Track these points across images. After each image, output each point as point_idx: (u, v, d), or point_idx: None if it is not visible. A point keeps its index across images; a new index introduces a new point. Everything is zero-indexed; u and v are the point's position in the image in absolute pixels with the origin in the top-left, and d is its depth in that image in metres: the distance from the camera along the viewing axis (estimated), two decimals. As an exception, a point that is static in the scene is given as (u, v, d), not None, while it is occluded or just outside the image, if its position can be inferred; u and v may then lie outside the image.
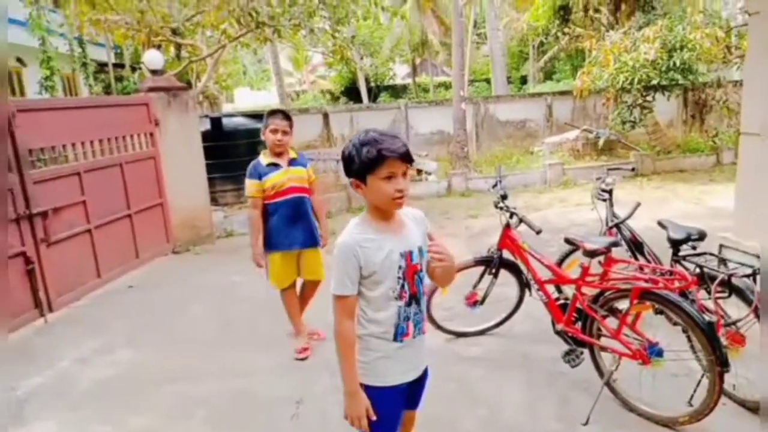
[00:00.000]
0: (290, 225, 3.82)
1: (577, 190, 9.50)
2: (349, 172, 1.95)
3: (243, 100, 32.91)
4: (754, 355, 2.89)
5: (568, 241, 3.35)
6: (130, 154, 6.13)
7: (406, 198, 1.92)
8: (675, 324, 3.26)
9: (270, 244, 3.86)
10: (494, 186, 3.84)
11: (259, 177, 3.74)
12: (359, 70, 23.62)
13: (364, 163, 1.86)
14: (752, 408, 2.99)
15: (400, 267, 1.93)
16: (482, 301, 3.90)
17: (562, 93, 14.34)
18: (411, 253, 1.96)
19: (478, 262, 3.81)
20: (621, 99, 10.55)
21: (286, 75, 28.13)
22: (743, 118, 4.21)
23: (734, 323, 2.90)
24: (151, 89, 6.61)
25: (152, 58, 6.83)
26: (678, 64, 9.12)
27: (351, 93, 25.18)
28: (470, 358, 3.82)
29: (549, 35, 12.58)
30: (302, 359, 3.94)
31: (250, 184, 3.76)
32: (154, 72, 6.75)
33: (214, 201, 7.89)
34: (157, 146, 6.57)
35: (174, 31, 9.66)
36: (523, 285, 3.86)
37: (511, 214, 3.63)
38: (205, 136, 7.18)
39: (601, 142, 11.19)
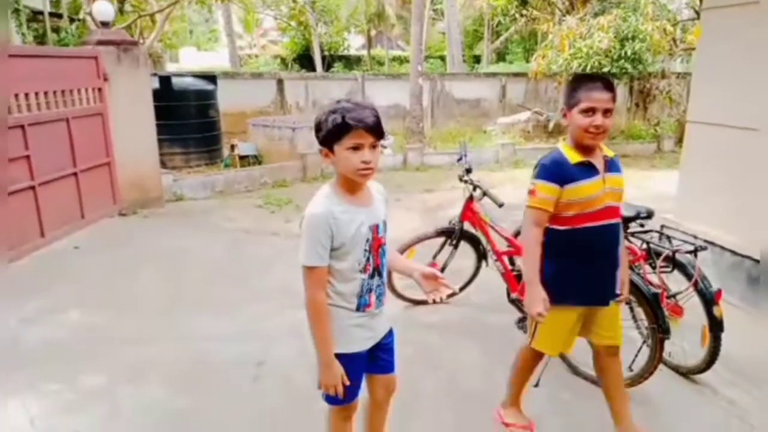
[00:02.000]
0: (596, 267, 2.45)
1: (528, 170, 9.74)
2: (318, 140, 1.94)
3: (188, 61, 31.58)
4: (690, 325, 3.16)
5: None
6: (77, 109, 5.82)
7: (375, 171, 1.92)
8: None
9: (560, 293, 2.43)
10: (459, 160, 3.93)
11: (562, 181, 2.30)
12: (315, 37, 23.10)
13: (330, 131, 1.86)
14: (684, 373, 3.27)
15: (367, 240, 1.96)
16: (442, 271, 4.01)
17: (516, 74, 14.62)
18: (378, 226, 1.99)
19: (439, 233, 3.91)
20: (572, 84, 10.86)
21: (236, 37, 27.12)
22: (691, 107, 4.48)
23: (675, 295, 3.14)
24: (100, 42, 6.26)
25: (102, 9, 6.45)
26: (629, 53, 9.50)
27: (304, 60, 24.60)
28: (429, 324, 3.95)
29: (507, 16, 12.73)
30: None
31: (543, 187, 2.31)
32: (104, 24, 6.38)
33: (162, 164, 7.62)
34: (106, 103, 6.26)
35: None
36: (481, 256, 4.01)
37: (475, 187, 3.73)
38: (153, 96, 6.89)
39: (551, 125, 11.55)
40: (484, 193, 3.62)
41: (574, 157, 2.31)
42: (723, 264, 4.14)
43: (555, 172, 2.30)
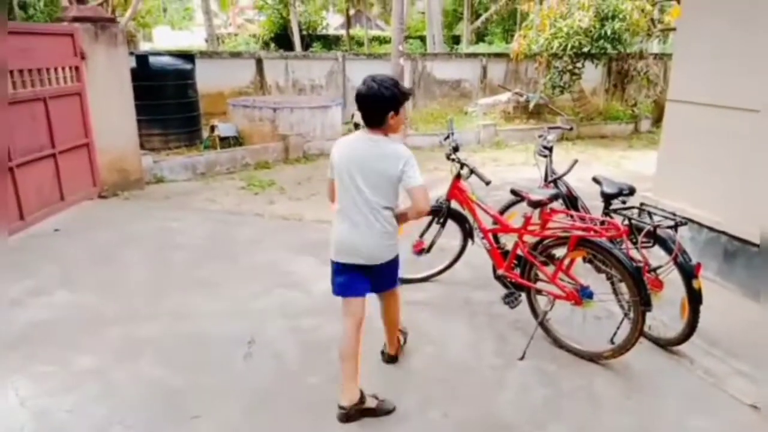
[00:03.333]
0: None
1: (509, 151, 9.90)
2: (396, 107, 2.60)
3: (162, 40, 30.80)
4: (669, 299, 3.28)
5: (513, 192, 3.56)
6: (54, 88, 5.66)
7: None
8: (599, 272, 3.60)
9: None
10: (446, 138, 3.96)
11: None
12: (293, 16, 22.70)
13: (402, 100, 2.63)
14: (663, 345, 3.40)
15: None
16: (429, 249, 4.08)
17: (497, 55, 14.63)
18: None
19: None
20: (553, 64, 10.96)
21: (212, 16, 26.48)
22: (671, 86, 4.57)
23: (655, 269, 3.25)
24: (76, 19, 6.08)
25: (76, -17, 6.26)
26: (609, 33, 9.58)
27: (281, 40, 24.14)
28: (416, 302, 4.00)
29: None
30: None
31: None
32: (79, 1, 6.19)
33: (140, 146, 7.48)
34: (84, 82, 6.11)
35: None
36: (467, 234, 4.07)
37: (462, 165, 3.77)
38: (131, 76, 6.73)
39: (531, 105, 11.63)
40: (472, 171, 3.66)
41: None
42: (700, 240, 4.28)
43: None
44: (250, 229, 5.63)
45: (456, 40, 26.78)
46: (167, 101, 9.22)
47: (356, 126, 10.96)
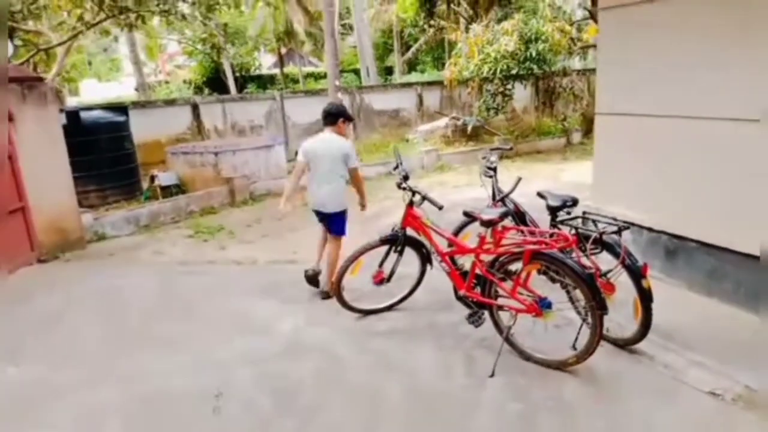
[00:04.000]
0: None
1: (453, 174, 10.16)
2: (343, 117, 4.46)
3: (90, 93, 29.94)
4: (622, 300, 3.44)
5: (466, 214, 3.66)
6: (-20, 153, 5.40)
7: None
8: (554, 281, 3.73)
9: None
10: (395, 168, 4.05)
11: None
12: (225, 59, 22.65)
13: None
14: (622, 345, 3.54)
15: None
16: (389, 279, 4.12)
17: (430, 83, 15.12)
18: None
19: (383, 242, 4.00)
20: (485, 88, 11.42)
21: (141, 65, 26.00)
22: (597, 100, 4.86)
23: (606, 274, 3.40)
24: (0, 80, 5.86)
25: (-3, 44, 6.03)
26: (534, 54, 10.12)
27: (215, 83, 23.99)
28: (382, 332, 4.01)
29: (417, 27, 13.18)
30: None
31: None
32: (1, 60, 5.97)
33: (78, 203, 7.18)
34: (14, 144, 5.86)
35: (12, 15, 8.57)
36: (425, 260, 4.14)
37: (414, 193, 3.86)
38: (63, 132, 6.51)
39: (469, 128, 12.03)
40: (424, 198, 3.75)
41: None
42: (642, 241, 4.52)
43: None
44: (203, 277, 5.49)
45: (389, 71, 27.47)
46: (102, 155, 8.95)
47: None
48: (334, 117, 4.42)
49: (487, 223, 3.38)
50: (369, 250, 3.99)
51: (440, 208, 3.72)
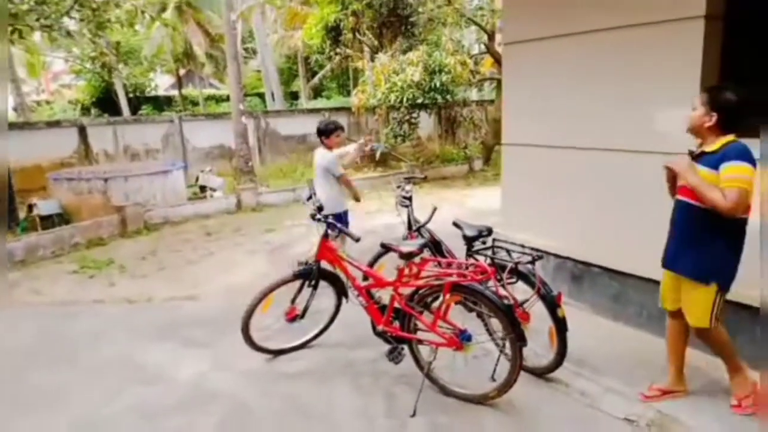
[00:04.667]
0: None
1: (363, 200, 10.07)
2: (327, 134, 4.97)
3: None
4: (537, 329, 3.46)
5: (384, 246, 3.53)
6: None
7: None
8: (470, 311, 3.69)
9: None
10: (309, 198, 3.84)
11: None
12: (117, 79, 21.23)
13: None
14: (539, 374, 3.55)
15: None
16: (303, 315, 3.87)
17: (338, 109, 15.11)
18: None
19: (297, 276, 3.75)
20: (391, 116, 11.59)
21: (20, 83, 23.69)
22: (504, 131, 4.99)
23: (522, 304, 3.40)
24: None
25: None
26: (438, 85, 10.42)
27: (105, 104, 22.33)
28: (294, 374, 3.74)
29: (323, 54, 13.16)
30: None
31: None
32: None
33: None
34: None
35: None
36: (340, 294, 3.94)
37: (328, 225, 3.67)
38: None
39: (377, 154, 12.10)
40: (340, 231, 3.57)
41: None
42: (549, 267, 4.64)
43: None
44: (89, 320, 4.89)
45: (294, 95, 27.27)
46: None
47: (202, 188, 10.39)
48: (320, 133, 5.00)
49: (407, 256, 3.27)
50: (281, 285, 3.73)
51: (357, 240, 3.57)
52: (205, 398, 3.48)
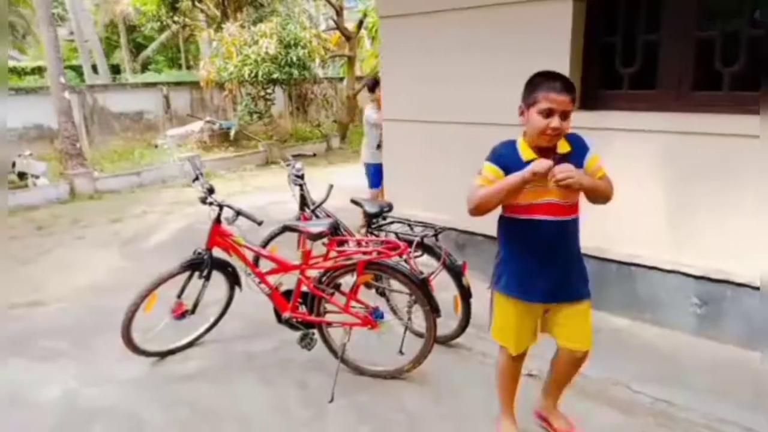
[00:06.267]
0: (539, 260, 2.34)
1: (221, 181, 9.45)
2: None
3: None
4: (441, 299, 3.54)
5: (288, 228, 3.31)
6: None
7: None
8: (368, 287, 3.67)
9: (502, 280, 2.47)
10: (195, 180, 3.43)
11: (506, 169, 2.22)
12: None
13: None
14: (443, 341, 3.65)
15: None
16: (193, 310, 3.49)
17: (177, 84, 13.87)
18: None
19: (185, 267, 3.35)
20: (245, 92, 10.95)
21: None
22: (384, 106, 4.98)
23: (430, 275, 3.45)
24: None
25: None
26: (295, 59, 10.06)
27: None
28: (190, 374, 3.38)
29: (159, 22, 11.88)
30: None
31: (489, 168, 2.27)
32: None
33: None
34: None
35: None
36: (233, 283, 3.63)
37: (221, 207, 3.32)
38: None
39: (232, 133, 11.42)
40: (238, 213, 3.25)
41: (527, 154, 2.21)
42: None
43: (501, 159, 2.24)
44: None
45: (115, 69, 24.43)
46: None
47: (21, 175, 8.84)
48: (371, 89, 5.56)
49: (317, 237, 3.10)
50: (167, 279, 3.31)
51: (260, 223, 3.29)
52: (84, 418, 2.99)
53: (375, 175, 5.56)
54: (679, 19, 3.54)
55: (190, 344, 3.67)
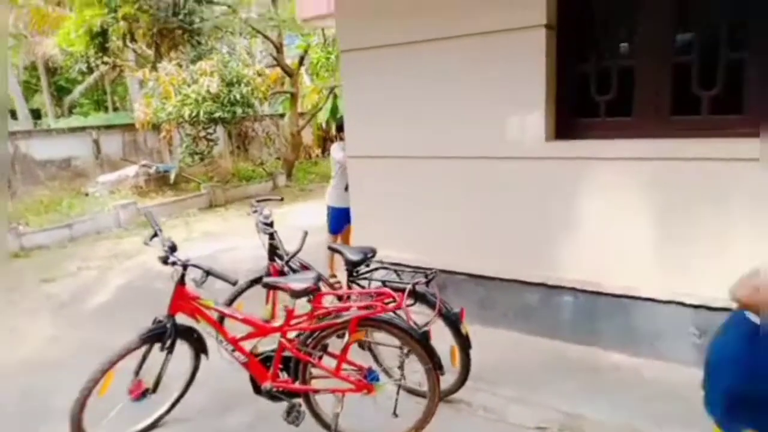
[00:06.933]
0: None
1: (163, 228, 8.75)
2: None
3: None
4: (439, 350, 3.23)
5: (267, 285, 2.92)
6: None
7: None
8: (360, 346, 3.32)
9: None
10: (153, 237, 2.98)
11: None
12: None
13: None
14: (442, 397, 3.31)
15: None
16: (155, 389, 2.99)
17: (108, 127, 13.06)
18: None
19: (145, 339, 2.87)
20: (185, 132, 10.40)
21: None
22: (348, 143, 4.71)
23: (426, 325, 3.13)
24: None
25: None
26: (239, 97, 9.65)
27: None
28: (156, 466, 2.87)
29: (87, 63, 11.17)
30: None
31: None
32: None
33: None
34: None
35: None
36: (199, 351, 3.17)
37: (185, 267, 2.89)
38: None
39: (172, 176, 10.75)
40: (208, 273, 2.82)
41: None
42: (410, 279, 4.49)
43: None
44: None
45: (36, 114, 22.96)
46: None
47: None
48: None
49: (301, 294, 2.72)
50: (124, 356, 2.82)
51: (234, 283, 2.87)
52: None
53: (339, 219, 5.22)
54: (654, 45, 3.51)
55: (152, 426, 3.15)
